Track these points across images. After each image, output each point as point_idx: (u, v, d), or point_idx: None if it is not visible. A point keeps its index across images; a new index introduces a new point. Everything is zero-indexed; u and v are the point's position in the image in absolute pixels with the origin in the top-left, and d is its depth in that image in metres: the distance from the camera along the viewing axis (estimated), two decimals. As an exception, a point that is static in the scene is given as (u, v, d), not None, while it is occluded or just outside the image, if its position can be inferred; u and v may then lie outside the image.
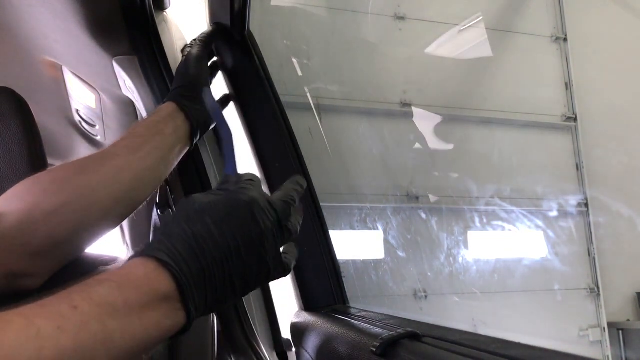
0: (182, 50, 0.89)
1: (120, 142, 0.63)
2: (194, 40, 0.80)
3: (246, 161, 0.90)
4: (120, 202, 0.59)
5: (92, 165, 0.58)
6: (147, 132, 0.65)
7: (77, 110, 1.03)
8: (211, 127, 0.77)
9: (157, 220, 0.94)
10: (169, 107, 0.70)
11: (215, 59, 0.87)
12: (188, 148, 0.72)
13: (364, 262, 2.39)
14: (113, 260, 0.61)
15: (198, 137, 0.73)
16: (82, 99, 1.02)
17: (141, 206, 0.64)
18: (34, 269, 0.51)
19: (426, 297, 2.42)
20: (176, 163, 0.70)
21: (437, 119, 2.66)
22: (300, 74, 2.43)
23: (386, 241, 2.44)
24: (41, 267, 0.52)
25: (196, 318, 0.41)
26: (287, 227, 0.49)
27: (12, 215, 0.50)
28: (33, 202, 0.52)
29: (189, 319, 0.40)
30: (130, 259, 0.41)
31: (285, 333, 0.86)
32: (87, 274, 0.56)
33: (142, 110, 0.94)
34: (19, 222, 0.50)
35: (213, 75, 0.87)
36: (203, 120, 0.72)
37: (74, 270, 0.55)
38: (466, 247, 2.57)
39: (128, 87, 0.92)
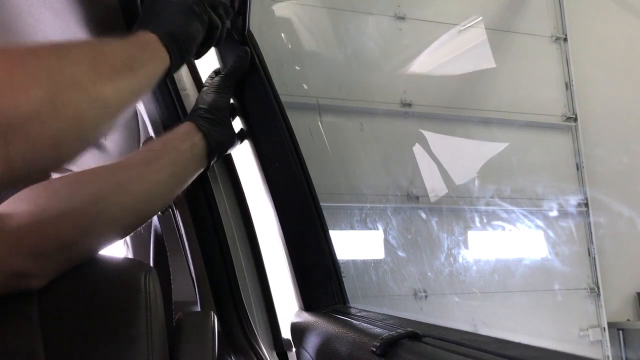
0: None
1: (135, 155, 0.64)
2: (223, 74, 0.81)
3: (246, 161, 0.90)
4: (129, 213, 0.59)
5: (105, 174, 0.58)
6: (162, 147, 0.66)
7: (77, 110, 1.03)
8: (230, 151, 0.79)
9: (157, 222, 0.94)
10: (187, 126, 0.71)
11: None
12: (204, 168, 0.73)
13: (364, 262, 2.39)
14: (116, 260, 0.61)
15: (215, 159, 0.74)
16: (82, 99, 1.02)
17: None
18: (38, 270, 0.51)
19: (426, 297, 2.42)
20: (190, 181, 0.71)
21: (437, 118, 2.66)
22: (300, 73, 2.43)
23: (386, 241, 2.44)
24: (46, 269, 0.52)
25: (175, 51, 0.60)
26: None
27: (20, 215, 0.50)
28: (43, 204, 0.52)
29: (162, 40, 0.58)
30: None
31: (285, 333, 0.86)
32: (91, 275, 0.56)
33: (142, 111, 0.94)
34: (27, 223, 0.50)
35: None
36: (221, 141, 0.74)
37: (78, 271, 0.55)
38: (466, 247, 2.57)
39: (128, 87, 0.92)
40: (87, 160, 1.05)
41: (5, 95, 0.36)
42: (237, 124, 0.90)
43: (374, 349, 0.48)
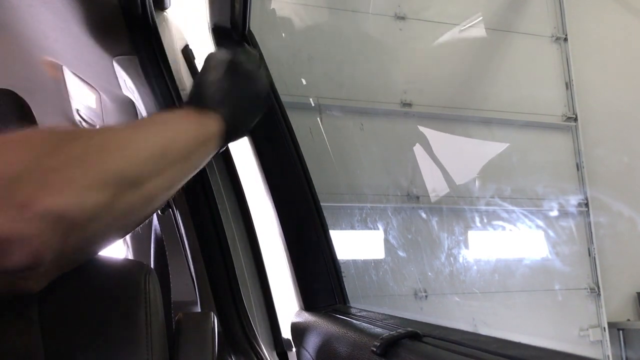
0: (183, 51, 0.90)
1: None
2: None
3: (247, 161, 0.90)
4: (127, 211, 0.59)
5: None
6: None
7: (77, 110, 1.03)
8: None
9: (157, 222, 0.94)
10: None
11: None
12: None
13: (364, 261, 2.38)
14: (115, 261, 0.60)
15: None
16: (82, 98, 1.03)
17: None
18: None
19: (426, 296, 2.42)
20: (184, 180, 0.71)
21: (437, 118, 2.66)
22: (300, 73, 2.43)
23: (386, 241, 2.44)
24: (44, 270, 0.51)
25: (233, 132, 0.61)
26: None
27: None
28: None
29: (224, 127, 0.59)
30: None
31: (286, 333, 0.86)
32: (91, 276, 0.56)
33: (142, 110, 0.94)
34: None
35: None
36: None
37: (78, 272, 0.54)
38: (466, 246, 2.57)
39: (128, 87, 0.92)
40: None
41: (75, 198, 0.37)
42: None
43: (374, 349, 0.48)
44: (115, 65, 0.88)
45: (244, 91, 0.64)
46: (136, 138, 0.46)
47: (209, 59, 0.71)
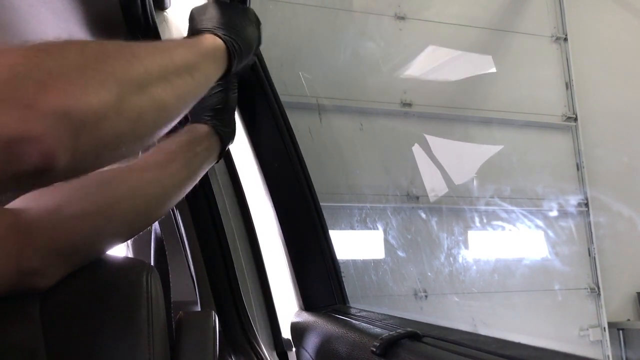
0: None
1: (150, 156, 0.63)
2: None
3: (246, 161, 0.90)
4: (142, 215, 0.60)
5: (121, 177, 0.58)
6: (179, 150, 0.66)
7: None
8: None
9: (157, 223, 0.94)
10: (203, 128, 0.71)
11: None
12: (213, 164, 0.74)
13: (364, 261, 2.39)
14: (117, 260, 0.60)
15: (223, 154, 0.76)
16: (82, 99, 1.02)
17: None
18: (47, 268, 0.51)
19: (426, 296, 2.42)
20: (199, 178, 0.71)
21: (437, 118, 2.66)
22: (300, 73, 2.43)
23: (386, 241, 2.44)
24: (55, 268, 0.52)
25: (236, 52, 0.63)
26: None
27: (35, 211, 0.51)
28: (58, 203, 0.52)
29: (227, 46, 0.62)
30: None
31: (286, 333, 0.86)
32: (93, 274, 0.56)
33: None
34: (41, 220, 0.50)
35: None
36: (231, 140, 0.76)
37: (80, 270, 0.54)
38: (466, 246, 2.57)
39: (128, 87, 0.92)
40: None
41: (79, 96, 0.38)
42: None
43: (374, 349, 0.48)
44: (116, 65, 0.88)
45: (234, 16, 0.67)
46: (135, 46, 0.47)
47: (192, 10, 0.72)
